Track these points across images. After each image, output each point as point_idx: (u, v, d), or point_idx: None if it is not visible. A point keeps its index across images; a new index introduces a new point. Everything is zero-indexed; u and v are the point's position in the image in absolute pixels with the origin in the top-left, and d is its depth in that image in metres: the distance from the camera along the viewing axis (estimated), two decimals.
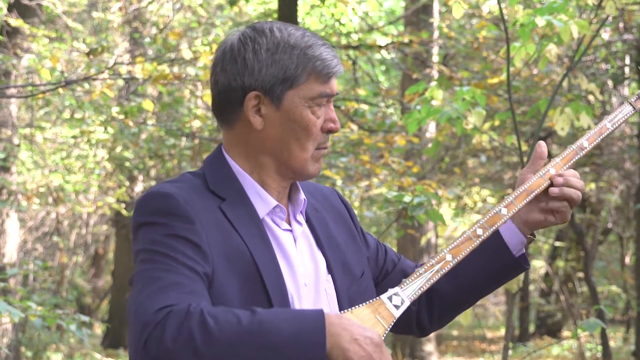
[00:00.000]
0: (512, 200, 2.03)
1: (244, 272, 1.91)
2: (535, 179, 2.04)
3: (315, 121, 1.99)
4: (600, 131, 2.08)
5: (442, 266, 1.97)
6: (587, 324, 4.48)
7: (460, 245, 1.98)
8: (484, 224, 2.00)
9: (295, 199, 2.08)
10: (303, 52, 1.98)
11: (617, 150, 13.07)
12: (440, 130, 9.37)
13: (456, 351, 16.98)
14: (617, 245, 19.75)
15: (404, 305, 1.93)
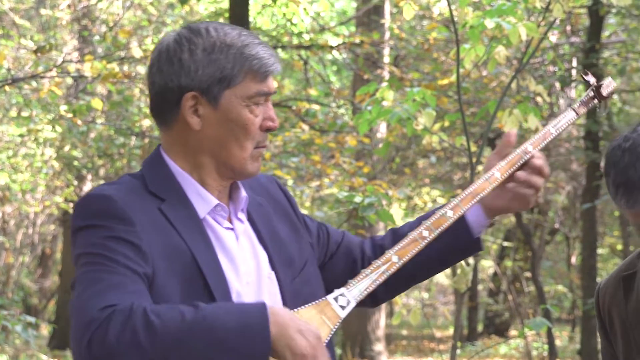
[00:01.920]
0: (458, 203, 2.05)
1: (186, 272, 1.91)
2: (480, 182, 2.06)
3: (253, 120, 1.99)
4: (545, 136, 2.11)
5: (388, 267, 1.98)
6: (534, 323, 4.53)
7: (406, 246, 2.00)
8: (429, 226, 2.02)
9: (236, 197, 2.08)
10: (239, 52, 1.98)
11: (564, 152, 13.25)
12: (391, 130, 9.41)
13: (405, 351, 17.07)
14: (564, 245, 20.01)
15: (349, 306, 1.94)
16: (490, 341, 17.35)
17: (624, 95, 12.48)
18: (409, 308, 16.89)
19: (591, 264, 11.59)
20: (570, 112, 2.15)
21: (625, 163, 2.01)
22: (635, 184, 1.99)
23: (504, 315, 18.45)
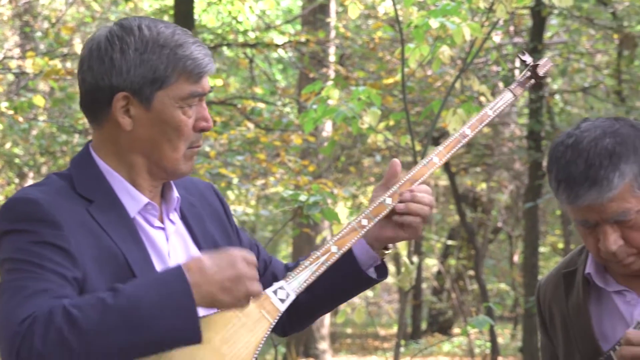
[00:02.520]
0: (396, 190, 2.04)
1: (118, 274, 1.88)
2: (418, 167, 2.05)
3: (186, 121, 1.96)
4: (482, 118, 2.10)
5: (328, 258, 1.97)
6: (477, 321, 4.57)
7: (345, 236, 1.99)
8: (368, 214, 2.01)
9: (168, 197, 2.05)
10: (173, 52, 1.94)
11: (507, 151, 13.38)
12: (336, 129, 9.44)
13: (350, 349, 17.11)
14: (507, 244, 20.21)
15: (289, 298, 1.93)
16: (434, 339, 17.47)
17: (565, 95, 12.66)
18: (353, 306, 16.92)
19: (533, 262, 11.73)
20: (508, 93, 2.15)
21: (567, 159, 2.03)
22: (576, 179, 2.01)
23: (448, 314, 18.60)
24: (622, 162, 2.00)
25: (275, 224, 17.53)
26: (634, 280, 2.13)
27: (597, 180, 1.99)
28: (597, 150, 2.01)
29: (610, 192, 1.99)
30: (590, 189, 1.99)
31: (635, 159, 2.01)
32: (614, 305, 2.16)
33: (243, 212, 11.71)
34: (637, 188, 2.01)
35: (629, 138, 2.03)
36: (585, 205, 2.01)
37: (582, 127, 2.07)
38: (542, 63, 2.17)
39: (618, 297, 2.15)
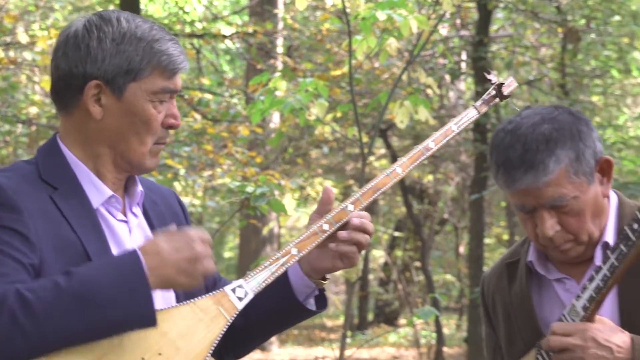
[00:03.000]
0: (358, 197, 2.05)
1: (75, 263, 1.87)
2: (382, 177, 2.06)
3: (156, 116, 1.97)
4: (446, 133, 2.12)
5: (288, 260, 1.98)
6: (422, 312, 4.61)
7: (306, 240, 2.00)
8: (330, 220, 2.02)
9: (132, 190, 2.05)
10: (149, 46, 1.95)
11: (453, 144, 13.48)
12: (284, 121, 9.42)
13: (297, 340, 17.14)
14: (453, 235, 20.39)
15: (247, 297, 1.93)
16: (380, 330, 17.57)
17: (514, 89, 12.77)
18: None
19: (478, 253, 11.85)
20: (472, 110, 2.18)
21: (506, 144, 2.07)
22: (514, 163, 2.04)
23: (394, 304, 18.71)
24: (559, 147, 2.03)
25: (223, 215, 17.48)
26: (573, 268, 2.16)
27: (533, 165, 2.02)
28: (535, 135, 2.04)
29: (546, 177, 2.02)
30: (527, 173, 2.03)
31: (572, 145, 2.05)
32: (554, 293, 2.19)
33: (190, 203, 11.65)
34: (573, 174, 2.04)
35: (566, 125, 2.06)
36: (522, 189, 2.04)
37: (523, 114, 2.11)
38: (507, 83, 2.21)
39: (558, 284, 2.19)
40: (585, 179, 2.06)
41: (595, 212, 2.08)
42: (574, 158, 2.04)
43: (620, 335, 1.98)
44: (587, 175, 2.06)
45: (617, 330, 1.99)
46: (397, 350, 15.42)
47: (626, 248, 1.94)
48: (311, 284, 2.10)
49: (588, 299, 1.99)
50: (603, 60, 12.35)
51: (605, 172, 2.11)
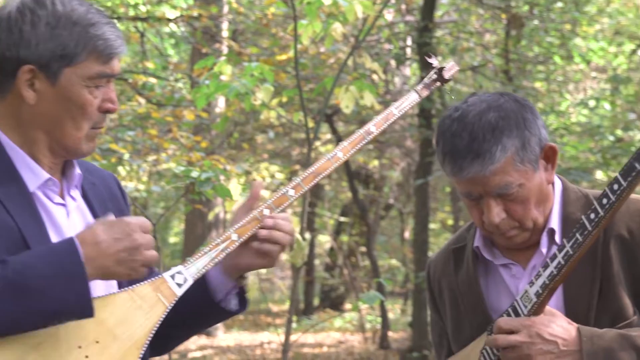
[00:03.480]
0: (299, 182, 2.03)
1: (13, 248, 1.84)
2: (322, 162, 2.05)
3: (92, 101, 1.94)
4: (387, 117, 2.12)
5: (228, 245, 1.96)
6: (368, 296, 4.62)
7: (246, 224, 1.98)
8: (271, 205, 2.01)
9: (69, 173, 2.02)
10: (85, 30, 1.91)
11: (398, 129, 13.54)
12: (229, 105, 9.37)
13: (242, 325, 17.13)
14: (398, 221, 20.51)
15: (186, 283, 1.91)
16: (326, 315, 17.63)
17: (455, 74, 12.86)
18: None
19: (423, 238, 11.93)
20: (413, 94, 2.17)
21: (452, 132, 2.07)
22: (460, 152, 2.05)
23: (340, 289, 18.78)
24: (505, 136, 2.04)
25: (168, 200, 17.37)
26: (519, 253, 2.18)
27: (479, 154, 2.03)
28: (481, 124, 2.05)
29: (492, 165, 2.03)
30: (473, 161, 2.03)
31: (518, 133, 2.06)
32: (500, 278, 2.21)
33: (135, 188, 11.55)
34: (519, 162, 2.06)
35: (512, 112, 2.08)
36: (469, 178, 2.05)
37: (469, 101, 2.12)
38: (447, 67, 2.21)
39: (504, 270, 2.21)
40: (531, 167, 2.07)
41: (540, 198, 2.10)
42: (519, 146, 2.05)
43: (567, 328, 2.00)
44: (532, 162, 2.07)
45: (564, 323, 2.01)
46: (342, 335, 15.49)
47: (582, 237, 1.96)
48: (229, 282, 2.07)
49: (541, 285, 2.00)
50: (546, 47, 12.49)
51: (549, 158, 2.12)
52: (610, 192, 1.92)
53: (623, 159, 11.59)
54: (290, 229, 2.01)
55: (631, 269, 2.08)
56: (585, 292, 2.07)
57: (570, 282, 2.06)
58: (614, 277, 2.06)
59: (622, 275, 2.07)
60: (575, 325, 2.01)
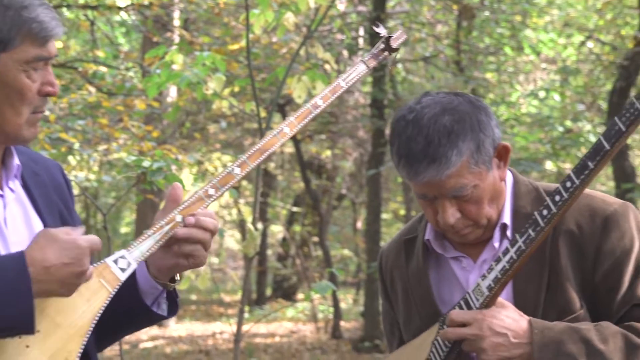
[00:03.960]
0: (245, 160, 1.99)
1: None
2: (269, 137, 2.01)
3: (30, 85, 1.89)
4: (334, 89, 2.07)
5: (172, 227, 1.92)
6: (320, 286, 4.62)
7: (191, 205, 1.93)
8: (216, 184, 1.96)
9: (8, 163, 1.97)
10: (18, 14, 1.86)
11: (351, 119, 13.57)
12: (181, 95, 9.32)
13: (194, 315, 17.08)
14: (350, 211, 20.57)
15: (130, 268, 1.87)
16: (278, 305, 17.64)
17: (407, 64, 12.92)
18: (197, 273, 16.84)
19: (375, 228, 11.99)
20: (361, 65, 2.13)
21: (408, 135, 2.06)
22: (416, 156, 2.04)
23: (292, 279, 18.81)
24: (460, 140, 2.04)
25: (119, 190, 17.24)
26: (470, 247, 2.19)
27: (435, 158, 2.03)
28: (436, 127, 2.04)
29: (448, 170, 2.03)
30: (429, 166, 2.03)
31: (473, 136, 2.06)
32: (451, 271, 2.22)
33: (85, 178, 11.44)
34: (474, 164, 2.06)
35: (467, 115, 2.07)
36: (424, 182, 2.05)
37: (423, 102, 2.10)
38: (395, 35, 2.17)
39: (455, 263, 2.22)
40: (485, 167, 2.08)
41: (493, 196, 2.11)
42: (474, 149, 2.06)
43: (519, 320, 2.01)
44: (486, 163, 2.08)
45: (515, 315, 2.02)
46: (294, 325, 15.51)
47: (534, 233, 1.97)
48: (157, 286, 2.02)
49: (493, 279, 2.01)
50: (497, 38, 12.59)
51: (502, 157, 2.13)
52: (563, 190, 1.94)
53: (572, 149, 11.74)
54: (213, 226, 1.94)
55: (579, 263, 2.10)
56: (534, 286, 2.09)
57: (519, 276, 2.07)
58: (561, 272, 2.08)
59: (570, 269, 2.08)
60: (526, 318, 2.03)
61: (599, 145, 1.89)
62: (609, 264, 2.07)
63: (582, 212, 2.11)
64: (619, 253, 2.07)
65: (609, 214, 2.10)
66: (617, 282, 2.07)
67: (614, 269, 2.07)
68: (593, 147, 1.89)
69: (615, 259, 2.07)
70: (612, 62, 12.56)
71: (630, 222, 2.10)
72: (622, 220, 2.10)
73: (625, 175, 10.95)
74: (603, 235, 2.08)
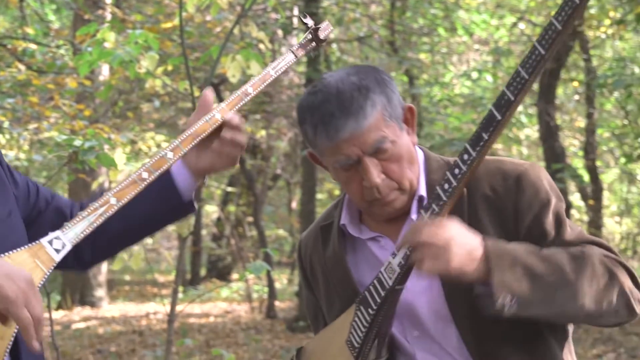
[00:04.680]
0: (178, 144, 2.03)
1: None
2: (201, 123, 2.05)
3: None
4: (264, 78, 2.14)
5: (106, 209, 1.94)
6: (254, 266, 4.62)
7: (125, 188, 1.96)
8: (149, 168, 1.99)
9: None
10: None
11: (286, 99, 13.56)
12: (113, 73, 9.19)
13: (128, 296, 16.96)
14: (285, 191, 20.59)
15: (65, 249, 1.88)
16: (213, 285, 17.62)
17: (342, 44, 12.94)
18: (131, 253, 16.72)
19: (310, 208, 12.02)
20: (290, 54, 2.19)
21: (319, 101, 2.08)
22: (333, 114, 2.05)
23: (227, 260, 18.78)
24: (371, 92, 2.07)
25: (50, 169, 16.98)
26: (387, 226, 2.20)
27: (352, 111, 2.05)
28: (346, 86, 2.07)
29: (366, 120, 2.05)
30: (348, 119, 2.05)
31: (382, 90, 2.09)
32: (369, 252, 2.23)
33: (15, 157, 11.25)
34: (388, 117, 2.09)
35: (370, 74, 2.11)
36: (346, 138, 2.06)
37: (325, 76, 2.14)
38: (322, 27, 2.22)
39: (373, 243, 2.23)
40: (397, 124, 2.10)
41: (410, 159, 2.13)
42: (386, 102, 2.09)
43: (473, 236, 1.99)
44: (397, 120, 2.11)
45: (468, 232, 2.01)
46: (229, 305, 15.50)
47: (438, 208, 1.99)
48: (194, 184, 2.13)
49: (403, 256, 2.03)
50: (430, 19, 12.67)
51: (409, 121, 2.16)
52: (461, 163, 1.96)
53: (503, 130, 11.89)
54: (246, 132, 2.08)
55: (501, 225, 2.12)
56: None
57: None
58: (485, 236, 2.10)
59: (494, 233, 2.10)
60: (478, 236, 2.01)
61: (491, 116, 1.92)
62: (529, 219, 2.09)
63: (495, 176, 2.14)
64: (537, 208, 2.10)
65: (520, 173, 2.13)
66: (541, 234, 2.09)
67: (536, 223, 2.09)
68: (485, 118, 1.93)
69: (535, 214, 2.09)
70: None
71: (542, 180, 2.13)
72: (534, 178, 2.13)
73: (555, 155, 11.15)
74: (518, 193, 2.11)
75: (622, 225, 18.96)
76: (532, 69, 1.86)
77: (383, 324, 2.10)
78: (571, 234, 2.10)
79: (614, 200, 19.50)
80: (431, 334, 2.15)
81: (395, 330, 2.17)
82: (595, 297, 1.99)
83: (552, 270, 1.97)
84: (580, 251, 2.03)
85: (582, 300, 1.98)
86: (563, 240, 2.09)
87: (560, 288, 1.97)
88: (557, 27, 1.82)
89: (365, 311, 2.11)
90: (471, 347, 2.10)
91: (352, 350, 2.14)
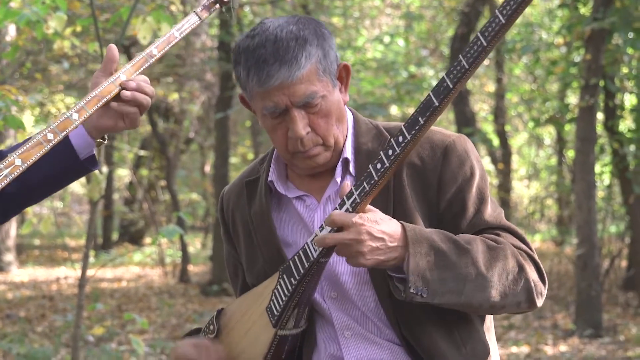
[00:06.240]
0: (83, 106, 2.02)
1: None
2: (106, 84, 2.04)
3: None
4: (169, 39, 2.13)
5: (11, 171, 1.92)
6: (167, 230, 4.62)
7: (30, 150, 1.94)
8: (54, 129, 1.98)
9: None
10: None
11: (198, 62, 13.44)
12: (20, 34, 8.98)
13: (37, 260, 16.72)
14: (198, 155, 20.47)
15: None
16: (125, 249, 17.47)
17: (254, 7, 12.86)
18: (41, 217, 16.44)
19: (223, 172, 11.99)
20: (194, 16, 2.19)
21: (256, 44, 2.08)
22: (267, 60, 2.05)
23: (139, 224, 18.63)
24: (308, 44, 2.08)
25: None
26: (313, 185, 2.22)
27: (286, 60, 2.05)
28: (284, 34, 2.08)
29: (299, 71, 2.06)
30: (281, 67, 2.05)
31: (319, 43, 2.10)
32: (294, 211, 2.24)
33: None
34: (322, 71, 2.10)
35: (310, 25, 2.12)
36: (276, 86, 2.07)
37: (265, 21, 2.14)
38: None
39: (298, 202, 2.24)
40: (330, 80, 2.12)
41: (339, 117, 2.15)
42: (322, 56, 2.09)
43: (392, 224, 2.04)
44: (331, 76, 2.12)
45: (387, 220, 2.05)
46: (142, 269, 15.41)
47: (369, 187, 2.00)
48: (92, 143, 2.12)
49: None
50: None
51: (343, 79, 2.18)
52: (395, 144, 1.98)
53: (416, 94, 12.03)
54: (151, 92, 2.06)
55: (424, 194, 2.15)
56: None
57: None
58: (407, 203, 2.13)
59: (415, 201, 2.14)
60: (398, 222, 2.06)
61: (428, 101, 1.95)
62: (451, 192, 2.13)
63: (423, 145, 2.17)
64: (461, 180, 2.13)
65: (448, 144, 2.16)
66: (462, 208, 2.13)
67: (457, 195, 2.13)
68: (423, 102, 1.95)
69: (457, 186, 2.13)
70: (453, 8, 12.87)
71: (469, 152, 2.17)
72: (460, 150, 2.16)
73: (466, 119, 11.33)
74: (444, 164, 2.14)
75: (531, 188, 19.42)
76: (472, 59, 1.88)
77: (304, 294, 2.11)
78: (491, 215, 2.15)
79: (523, 164, 19.93)
80: (350, 297, 2.16)
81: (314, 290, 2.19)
82: (502, 291, 2.05)
83: (465, 262, 2.02)
84: (495, 241, 2.09)
85: (490, 293, 2.04)
86: (482, 218, 2.14)
87: (472, 280, 2.03)
88: (500, 20, 1.85)
89: (287, 280, 2.12)
90: (388, 311, 2.13)
91: (272, 317, 2.15)
